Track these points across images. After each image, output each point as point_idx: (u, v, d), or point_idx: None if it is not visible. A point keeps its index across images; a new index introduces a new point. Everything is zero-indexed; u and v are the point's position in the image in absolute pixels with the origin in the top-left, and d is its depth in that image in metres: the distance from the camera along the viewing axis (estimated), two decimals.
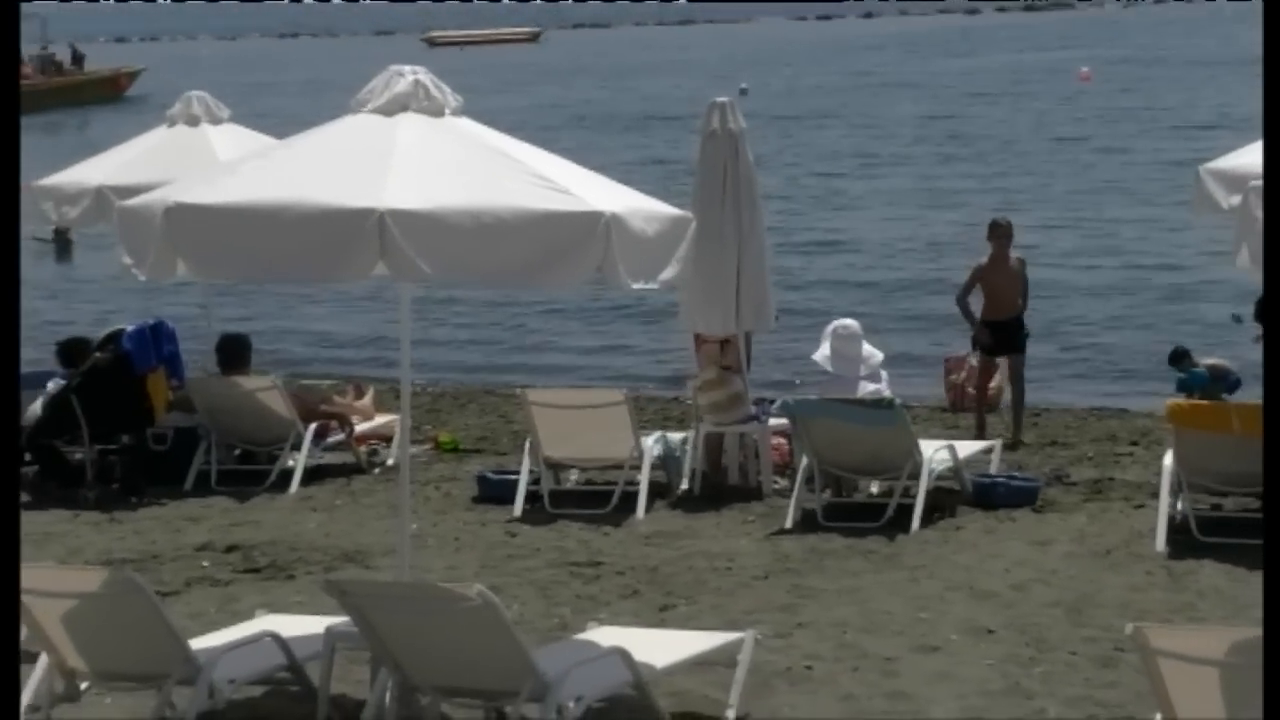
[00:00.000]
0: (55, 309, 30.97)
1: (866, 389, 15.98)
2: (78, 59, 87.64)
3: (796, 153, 51.46)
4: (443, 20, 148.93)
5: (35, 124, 70.35)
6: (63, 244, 35.74)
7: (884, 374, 16.44)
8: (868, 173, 47.74)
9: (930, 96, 70.02)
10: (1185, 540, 13.84)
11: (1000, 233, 17.91)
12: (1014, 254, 18.06)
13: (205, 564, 14.26)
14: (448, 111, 10.47)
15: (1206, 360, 17.69)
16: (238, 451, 17.31)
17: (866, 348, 16.35)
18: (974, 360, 18.33)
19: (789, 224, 35.74)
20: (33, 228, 29.44)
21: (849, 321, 16.68)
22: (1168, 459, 14.32)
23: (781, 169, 45.41)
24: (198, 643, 10.38)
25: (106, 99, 76.71)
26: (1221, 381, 16.97)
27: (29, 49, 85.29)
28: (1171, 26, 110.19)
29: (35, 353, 19.38)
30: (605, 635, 10.69)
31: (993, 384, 18.50)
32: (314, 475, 16.87)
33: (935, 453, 15.11)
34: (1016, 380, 17.90)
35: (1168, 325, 24.92)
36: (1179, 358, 17.83)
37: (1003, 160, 49.89)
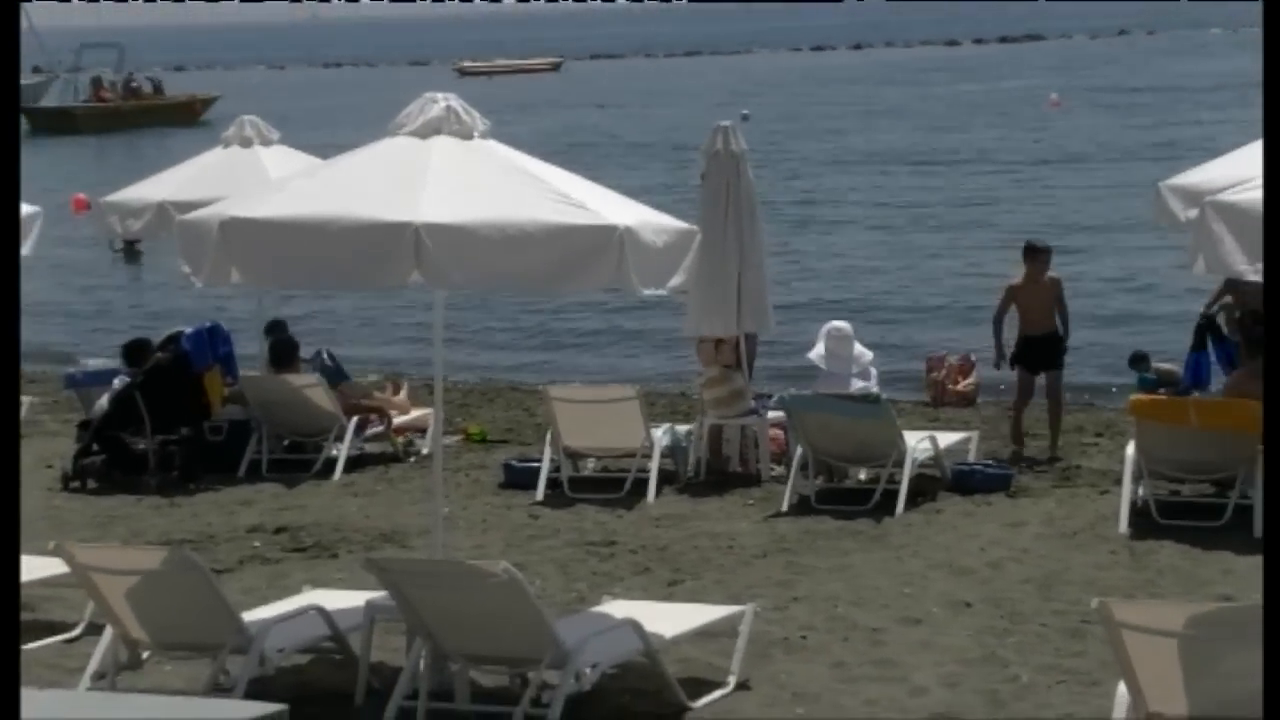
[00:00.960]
0: (123, 311, 31.05)
1: (856, 385, 16.03)
2: (157, 86, 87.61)
3: (793, 169, 51.38)
4: (473, 51, 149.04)
5: (118, 142, 70.50)
6: (131, 254, 35.74)
7: (874, 371, 16.53)
8: (853, 190, 47.71)
9: (912, 120, 69.90)
10: (1146, 523, 13.85)
11: (1038, 258, 16.56)
12: (1050, 274, 16.69)
13: (256, 544, 14.29)
14: (477, 134, 10.49)
15: (1161, 365, 17.96)
16: (286, 442, 17.32)
17: (858, 348, 16.41)
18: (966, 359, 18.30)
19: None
20: (106, 239, 29.65)
21: (842, 323, 16.73)
22: (1130, 449, 14.32)
23: (781, 184, 45.38)
24: (249, 615, 10.42)
25: (184, 122, 76.44)
26: (1171, 386, 17.09)
27: (112, 75, 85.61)
28: (1135, 57, 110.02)
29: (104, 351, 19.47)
30: (618, 608, 10.72)
31: (968, 381, 18.51)
32: (355, 464, 16.90)
33: (918, 443, 15.16)
34: (1053, 394, 16.63)
35: (1129, 331, 24.89)
36: (1137, 360, 18.25)
37: (975, 176, 49.82)
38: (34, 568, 12.21)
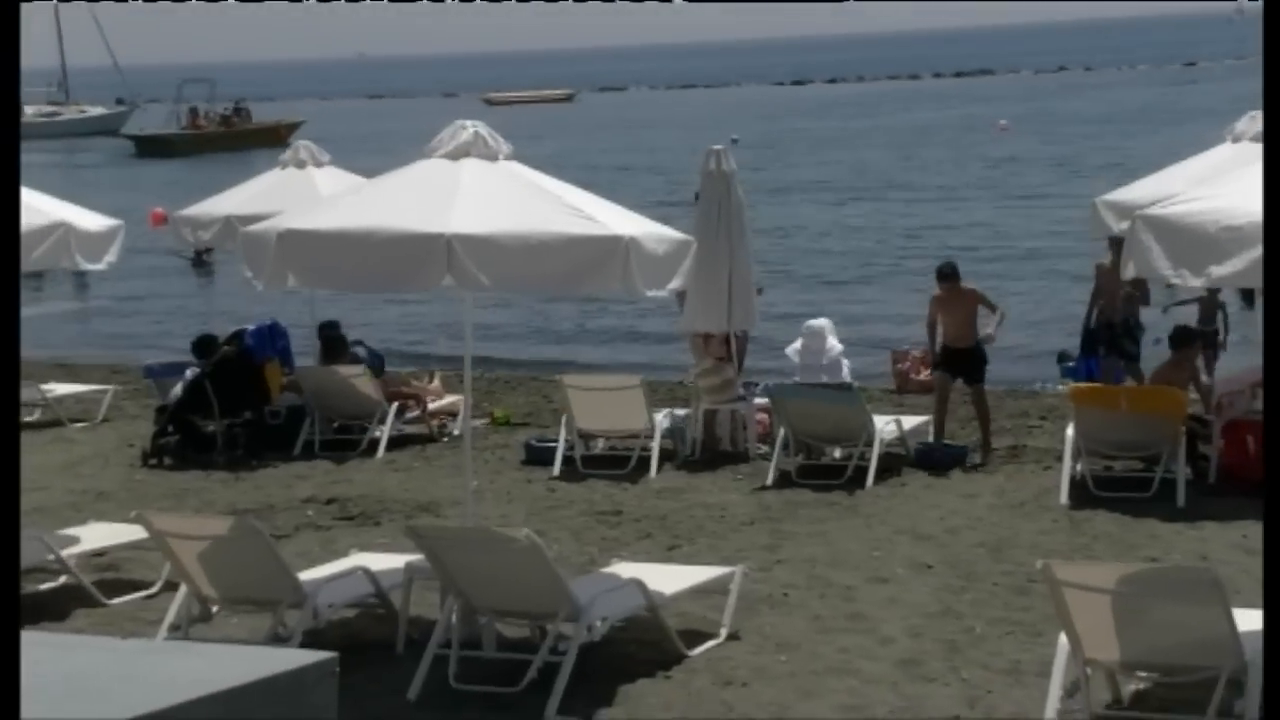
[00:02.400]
0: (193, 311, 31.04)
1: (821, 378, 16.04)
2: (247, 114, 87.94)
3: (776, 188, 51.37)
4: (498, 84, 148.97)
5: (210, 162, 70.46)
6: (201, 262, 35.75)
7: (845, 363, 16.50)
8: (829, 200, 47.73)
9: (880, 142, 69.96)
10: (1083, 495, 13.85)
11: (945, 281, 15.68)
12: (968, 286, 15.87)
13: (310, 513, 14.30)
14: (501, 156, 10.49)
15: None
16: (336, 425, 17.31)
17: (830, 341, 16.40)
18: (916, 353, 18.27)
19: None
20: (180, 248, 29.60)
21: (814, 322, 16.75)
22: (1069, 430, 14.32)
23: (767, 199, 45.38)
24: (304, 575, 10.44)
25: (271, 145, 76.32)
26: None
27: (206, 105, 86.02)
28: (1074, 90, 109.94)
29: (178, 346, 19.47)
30: (625, 569, 10.73)
31: (928, 372, 18.49)
32: (396, 443, 16.88)
33: (885, 425, 15.16)
34: (978, 404, 15.81)
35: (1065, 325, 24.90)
36: (1062, 358, 18.97)
37: (934, 189, 49.91)
38: (118, 533, 12.26)
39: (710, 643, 10.24)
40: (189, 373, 17.14)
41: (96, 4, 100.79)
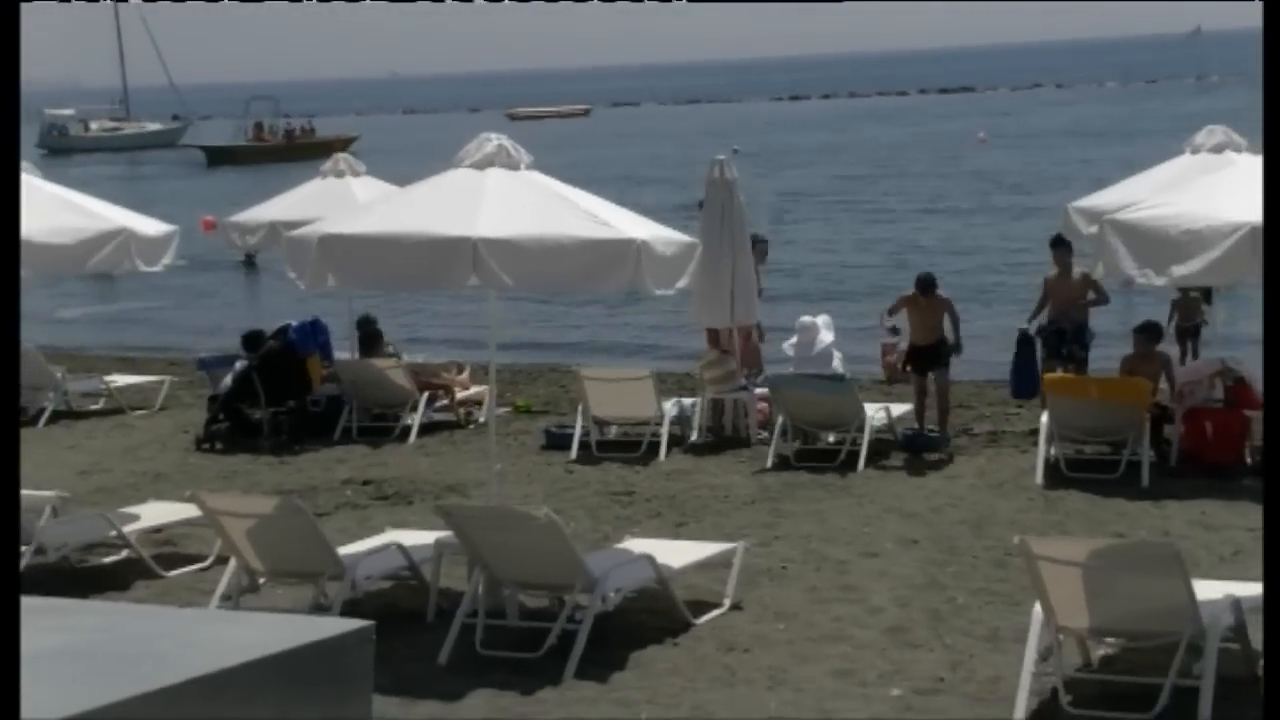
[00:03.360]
0: (242, 308, 31.07)
1: (806, 369, 15.95)
2: (309, 130, 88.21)
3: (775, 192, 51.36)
4: (520, 100, 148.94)
5: (275, 172, 70.62)
6: (249, 264, 35.78)
7: (836, 354, 16.39)
8: (826, 208, 47.70)
9: (869, 153, 69.92)
10: (1057, 476, 13.85)
11: (926, 290, 15.39)
12: (940, 294, 15.50)
13: (348, 493, 14.32)
14: (523, 166, 10.49)
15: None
16: (372, 413, 17.34)
17: (821, 335, 16.30)
18: (903, 345, 18.05)
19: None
20: (230, 251, 29.62)
21: (806, 319, 16.73)
22: (1044, 417, 14.32)
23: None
24: (343, 550, 10.44)
25: (328, 157, 75.97)
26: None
27: (273, 121, 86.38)
28: (1048, 105, 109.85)
29: (228, 341, 19.48)
30: (636, 545, 10.73)
31: (891, 357, 18.26)
32: (427, 429, 16.88)
33: (875, 412, 15.13)
34: (940, 389, 15.49)
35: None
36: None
37: (920, 194, 49.95)
38: (174, 512, 12.28)
39: (715, 612, 10.24)
40: (238, 365, 17.16)
41: (144, 19, 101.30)
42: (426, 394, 17.18)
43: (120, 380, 19.81)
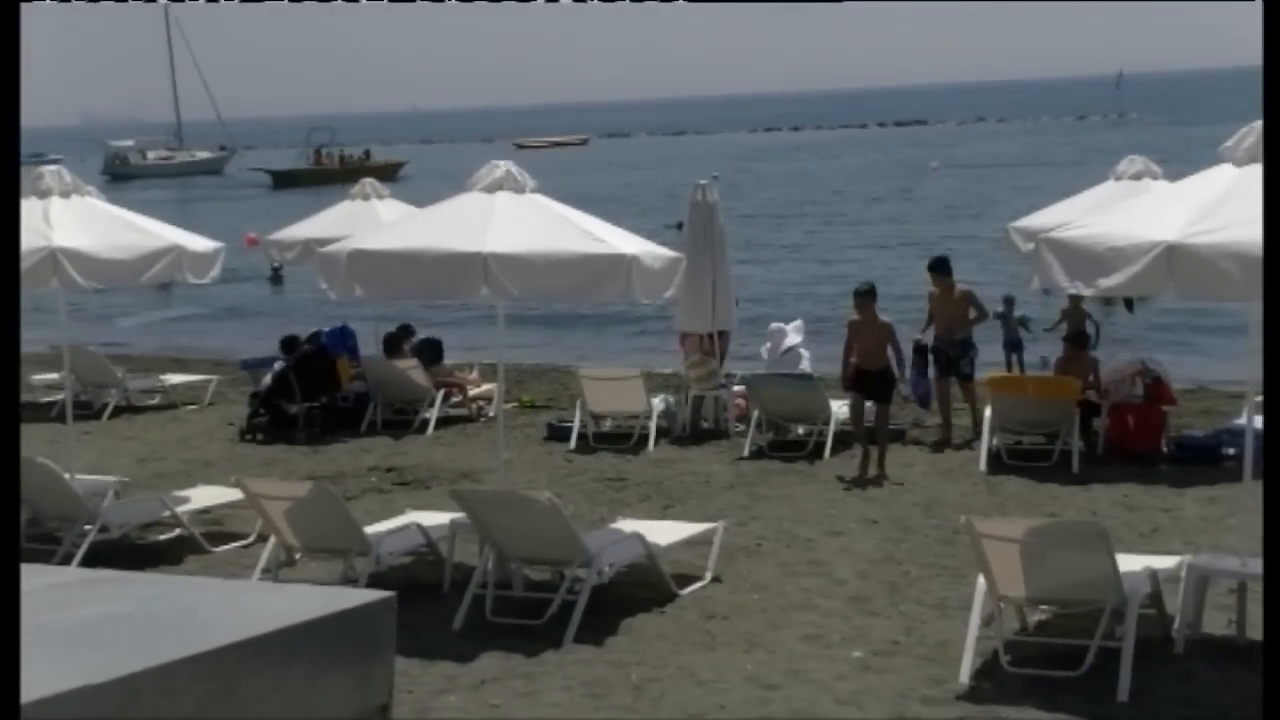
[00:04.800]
0: (275, 316, 31.00)
1: (777, 370, 15.90)
2: (365, 155, 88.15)
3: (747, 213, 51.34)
4: (525, 131, 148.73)
5: (333, 193, 70.42)
6: (277, 278, 35.72)
7: (805, 353, 16.31)
8: (792, 226, 47.67)
9: (832, 180, 69.90)
10: (998, 464, 13.86)
11: (862, 299, 13.69)
12: (883, 316, 13.75)
13: (373, 479, 14.29)
14: (528, 189, 10.48)
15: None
16: (394, 408, 17.32)
17: (789, 339, 16.25)
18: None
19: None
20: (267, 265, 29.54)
21: (775, 324, 16.72)
22: (988, 411, 14.32)
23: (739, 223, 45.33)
24: (369, 529, 10.44)
25: (385, 179, 75.39)
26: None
27: (331, 148, 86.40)
28: (993, 137, 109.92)
29: (270, 345, 19.42)
30: (628, 525, 10.72)
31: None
32: (443, 423, 16.86)
33: (839, 408, 15.06)
34: (880, 422, 13.60)
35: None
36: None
37: (874, 216, 49.95)
38: (221, 495, 12.27)
39: (697, 584, 10.24)
40: (276, 365, 17.14)
41: (181, 56, 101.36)
42: (442, 391, 17.18)
43: (173, 379, 19.79)
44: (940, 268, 15.20)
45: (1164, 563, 9.02)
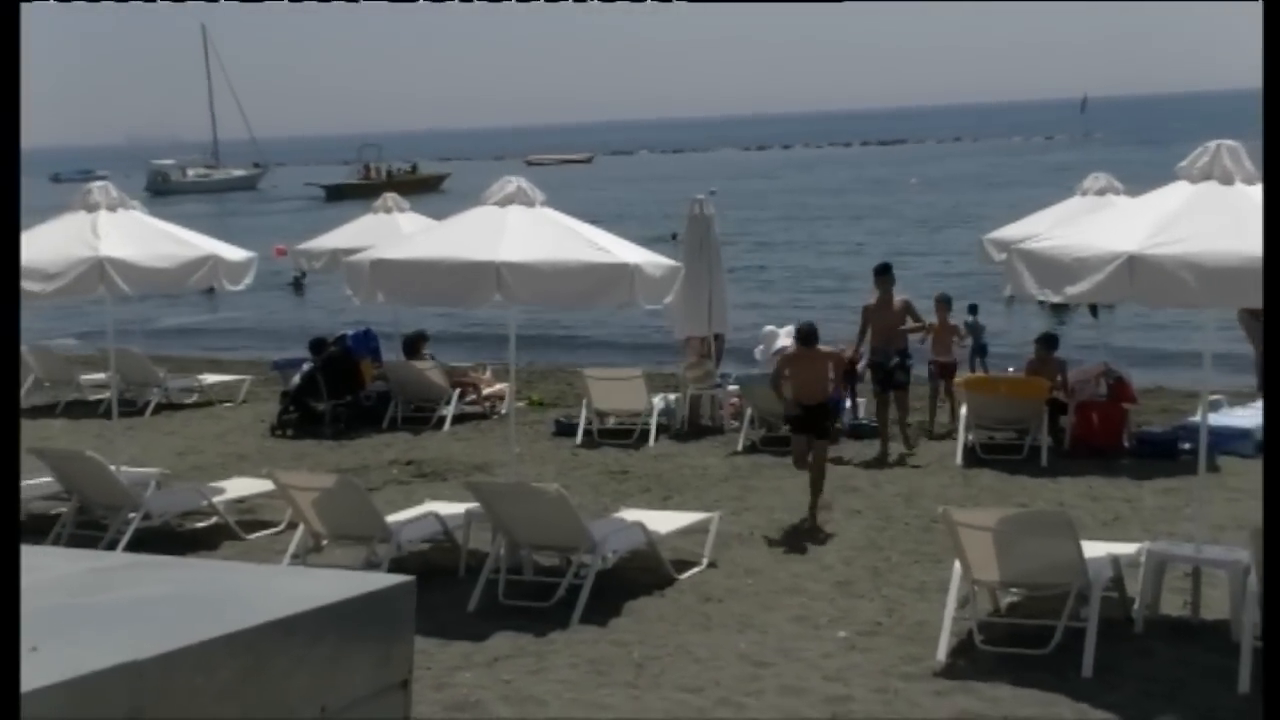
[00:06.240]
0: (300, 321, 30.99)
1: (769, 370, 15.86)
2: (412, 169, 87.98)
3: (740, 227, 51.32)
4: (535, 149, 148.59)
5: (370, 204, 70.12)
6: (298, 286, 35.69)
7: None
8: (787, 238, 47.66)
9: (821, 194, 69.88)
10: (973, 458, 13.86)
11: (806, 340, 11.67)
12: (825, 348, 11.81)
13: (394, 472, 14.29)
14: (538, 203, 10.49)
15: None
16: (413, 406, 17.32)
17: (779, 342, 16.23)
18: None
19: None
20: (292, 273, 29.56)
21: (767, 328, 16.72)
22: (963, 409, 14.31)
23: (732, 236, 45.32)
24: (390, 518, 10.43)
25: (424, 192, 74.92)
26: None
27: (379, 163, 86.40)
28: (969, 156, 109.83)
29: (299, 348, 19.42)
30: (630, 514, 10.74)
31: (859, 366, 18.31)
32: (458, 419, 16.86)
33: None
34: (818, 461, 11.59)
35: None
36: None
37: (858, 225, 49.94)
38: (254, 486, 12.27)
39: (694, 569, 10.24)
40: (305, 366, 17.15)
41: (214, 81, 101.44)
42: (458, 390, 17.17)
43: (210, 379, 19.80)
44: (886, 272, 14.41)
45: (1125, 549, 9.03)
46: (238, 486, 12.47)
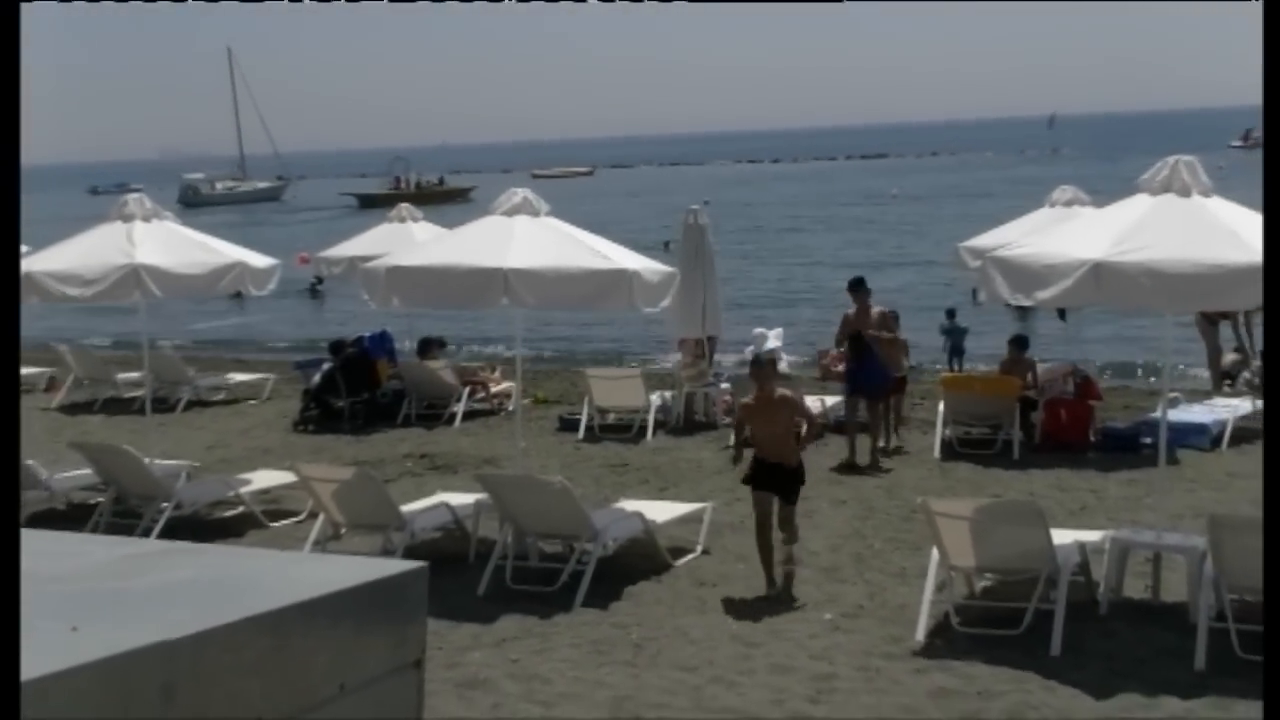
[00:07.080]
0: (319, 324, 30.99)
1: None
2: (439, 181, 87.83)
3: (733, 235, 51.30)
4: (540, 163, 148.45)
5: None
6: (314, 292, 35.66)
7: (783, 355, 16.31)
8: (775, 241, 47.66)
9: (808, 205, 69.86)
10: (950, 451, 13.85)
11: (761, 371, 9.30)
12: (783, 392, 9.33)
13: (408, 465, 14.28)
14: (543, 213, 10.49)
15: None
16: (426, 403, 17.31)
17: (768, 343, 16.24)
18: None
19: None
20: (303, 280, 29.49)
21: (758, 329, 16.71)
22: (941, 406, 14.31)
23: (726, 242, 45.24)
24: (404, 508, 10.42)
25: (451, 202, 74.73)
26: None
27: (408, 175, 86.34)
28: (946, 169, 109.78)
29: (317, 351, 19.41)
30: (629, 504, 10.74)
31: (842, 365, 18.28)
32: (468, 416, 16.81)
33: (812, 403, 14.98)
34: (785, 524, 9.27)
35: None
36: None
37: (843, 233, 49.91)
38: (278, 478, 12.27)
39: (689, 556, 10.24)
40: (325, 366, 17.14)
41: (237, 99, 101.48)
42: (468, 388, 17.16)
43: (237, 377, 19.80)
44: (860, 286, 14.16)
45: (1091, 536, 9.04)
46: (262, 478, 12.47)
